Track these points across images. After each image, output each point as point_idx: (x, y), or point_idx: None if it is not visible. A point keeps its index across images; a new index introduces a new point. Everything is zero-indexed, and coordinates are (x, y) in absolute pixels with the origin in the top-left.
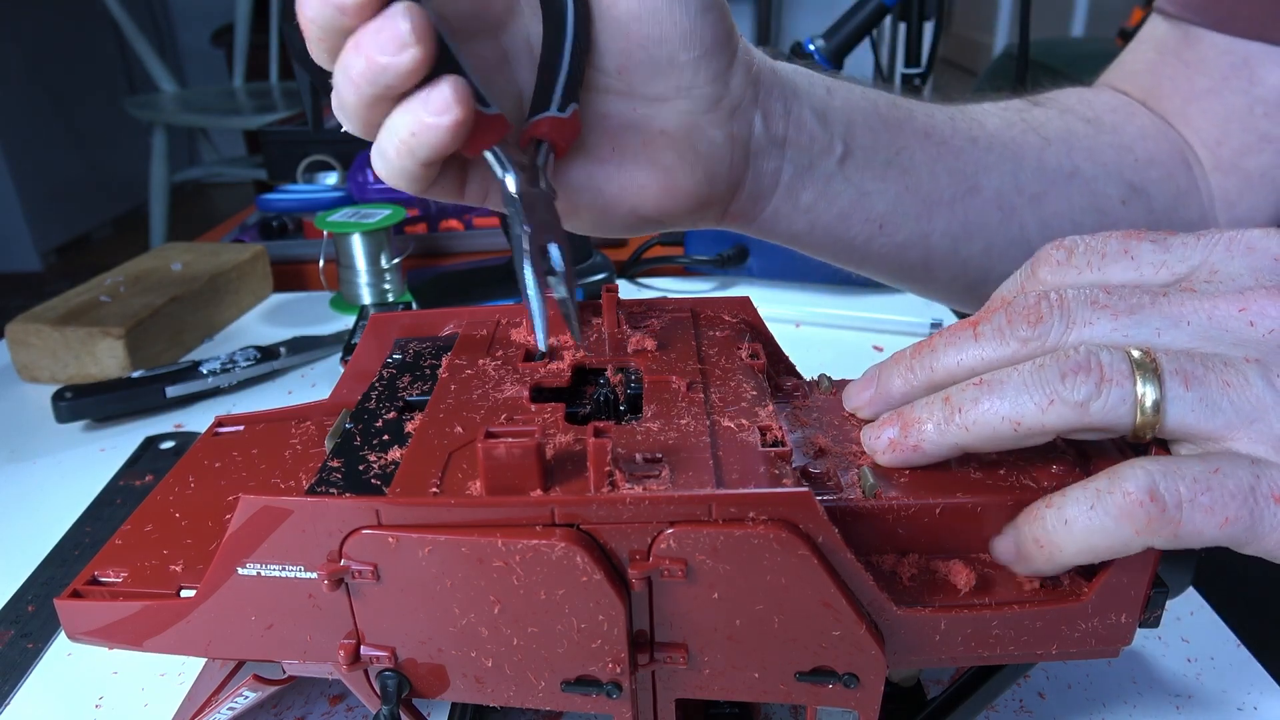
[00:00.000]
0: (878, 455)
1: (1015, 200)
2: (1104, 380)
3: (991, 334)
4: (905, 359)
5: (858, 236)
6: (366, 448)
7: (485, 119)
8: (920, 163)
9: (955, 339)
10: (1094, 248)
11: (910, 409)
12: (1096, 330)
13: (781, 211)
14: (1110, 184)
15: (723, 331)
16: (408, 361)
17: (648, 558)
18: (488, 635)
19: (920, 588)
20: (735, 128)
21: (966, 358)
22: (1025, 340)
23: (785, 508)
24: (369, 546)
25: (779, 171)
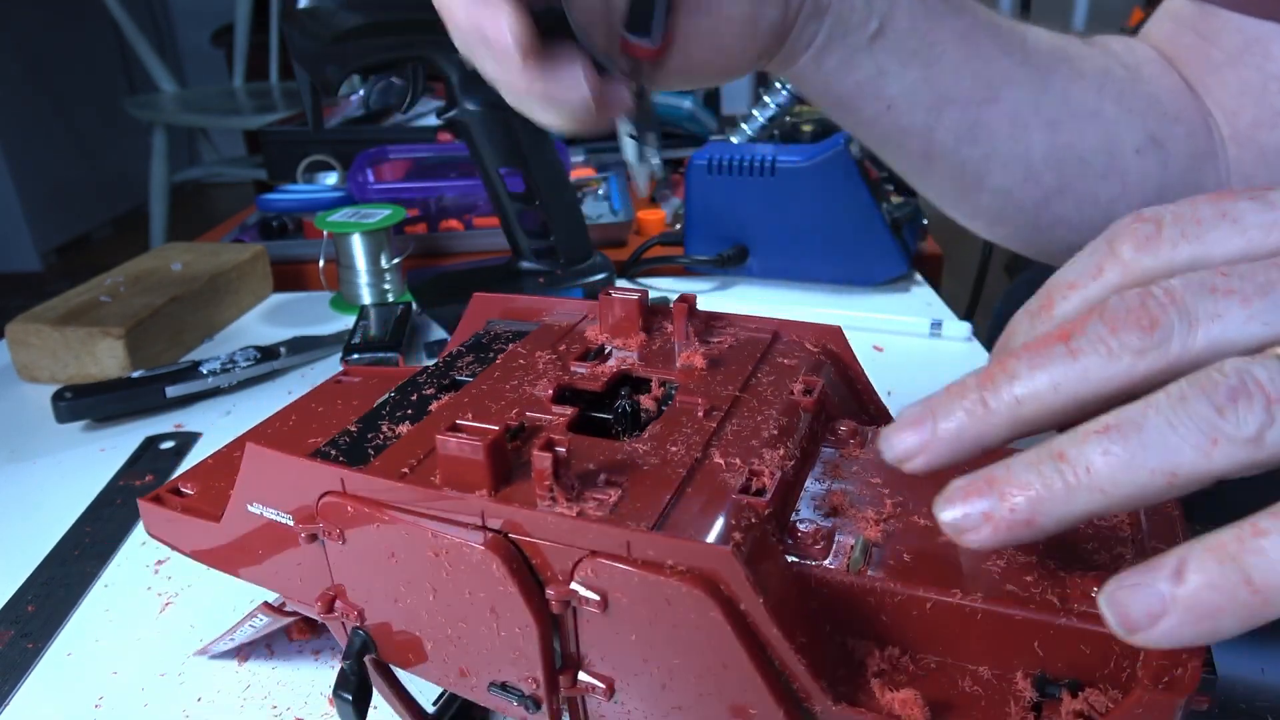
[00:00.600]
0: (967, 536)
1: (1030, 120)
2: (1272, 402)
3: (1092, 347)
4: (971, 390)
5: (865, 110)
6: (387, 419)
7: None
8: (948, 60)
9: (1042, 358)
10: (1184, 215)
11: (1006, 473)
12: (1228, 324)
13: (807, 70)
14: (1130, 131)
15: (793, 360)
16: (481, 343)
17: (568, 582)
18: (427, 618)
19: (885, 686)
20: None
21: (1066, 383)
22: (1140, 352)
23: (704, 563)
24: (336, 511)
25: (815, 34)
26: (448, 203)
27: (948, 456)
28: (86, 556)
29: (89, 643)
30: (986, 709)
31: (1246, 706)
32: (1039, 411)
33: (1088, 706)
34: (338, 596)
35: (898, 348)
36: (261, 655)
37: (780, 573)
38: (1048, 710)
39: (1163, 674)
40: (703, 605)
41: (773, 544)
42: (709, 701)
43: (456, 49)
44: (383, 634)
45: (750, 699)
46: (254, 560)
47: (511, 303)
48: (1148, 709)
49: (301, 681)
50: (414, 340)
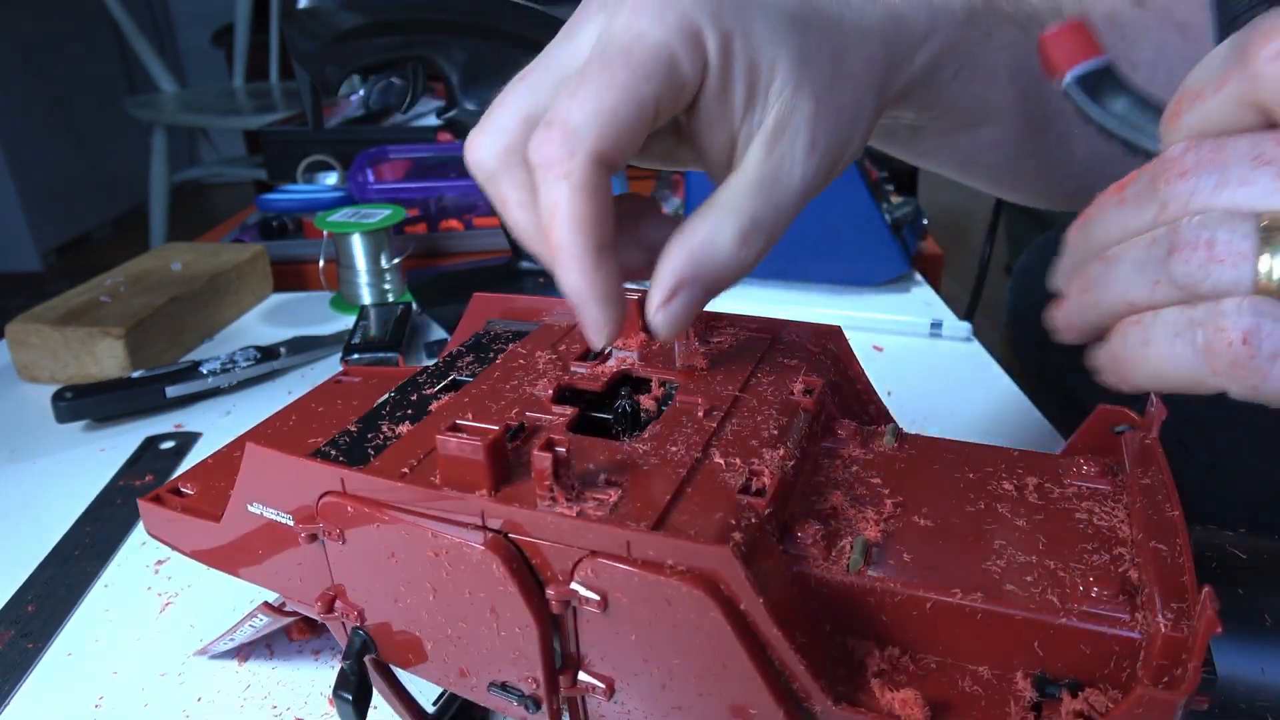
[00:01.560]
0: (1058, 332)
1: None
2: (1212, 260)
3: (1134, 196)
4: (1072, 235)
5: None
6: (388, 419)
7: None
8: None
9: (1104, 205)
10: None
11: (1065, 285)
12: (1256, 190)
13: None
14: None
15: (793, 360)
16: (481, 343)
17: (568, 582)
18: (426, 619)
19: (885, 686)
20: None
21: (1114, 226)
22: (1166, 203)
23: (704, 562)
24: (336, 511)
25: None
26: (448, 203)
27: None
28: (86, 556)
29: (89, 643)
30: (986, 709)
31: (1246, 706)
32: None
33: (1087, 706)
34: (338, 596)
35: (898, 348)
36: (261, 655)
37: (780, 573)
38: (1048, 710)
39: (1162, 674)
40: (703, 605)
41: (772, 544)
42: (709, 701)
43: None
44: (383, 634)
45: (750, 699)
46: (254, 560)
47: (511, 303)
48: (1147, 709)
49: (301, 681)
50: (414, 340)
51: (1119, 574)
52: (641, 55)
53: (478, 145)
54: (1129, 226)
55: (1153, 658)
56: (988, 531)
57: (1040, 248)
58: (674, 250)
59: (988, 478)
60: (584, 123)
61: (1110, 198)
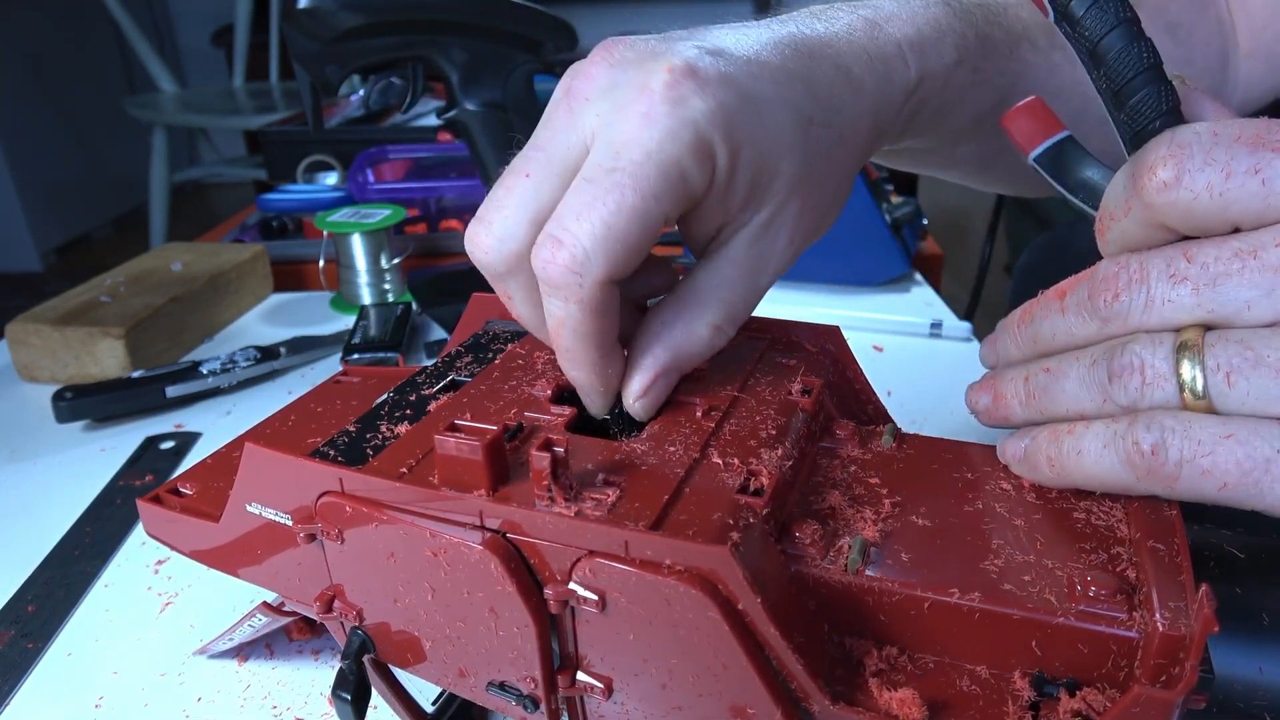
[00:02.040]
0: (979, 415)
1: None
2: (1145, 384)
3: (1076, 307)
4: (1014, 327)
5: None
6: (386, 419)
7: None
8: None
9: (1048, 309)
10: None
11: (1001, 380)
12: (1179, 308)
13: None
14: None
15: (791, 360)
16: (480, 343)
17: (566, 581)
18: (425, 618)
19: (883, 685)
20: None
21: (1059, 332)
22: (1106, 320)
23: (702, 562)
24: (334, 511)
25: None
26: (448, 203)
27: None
28: (86, 556)
29: (89, 643)
30: (984, 708)
31: (1244, 705)
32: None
33: (1085, 705)
34: (336, 596)
35: (898, 348)
36: (261, 655)
37: (778, 572)
38: (1045, 709)
39: (1160, 673)
40: (701, 605)
41: (771, 544)
42: (707, 701)
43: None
44: (381, 634)
45: (748, 698)
46: (253, 560)
47: None
48: (1145, 707)
49: (301, 681)
50: (414, 340)
51: (1117, 573)
52: (652, 176)
53: (485, 248)
54: (1073, 335)
55: (1150, 657)
56: (986, 531)
57: (1040, 247)
58: (653, 344)
59: (986, 477)
60: (593, 248)
61: (1053, 302)
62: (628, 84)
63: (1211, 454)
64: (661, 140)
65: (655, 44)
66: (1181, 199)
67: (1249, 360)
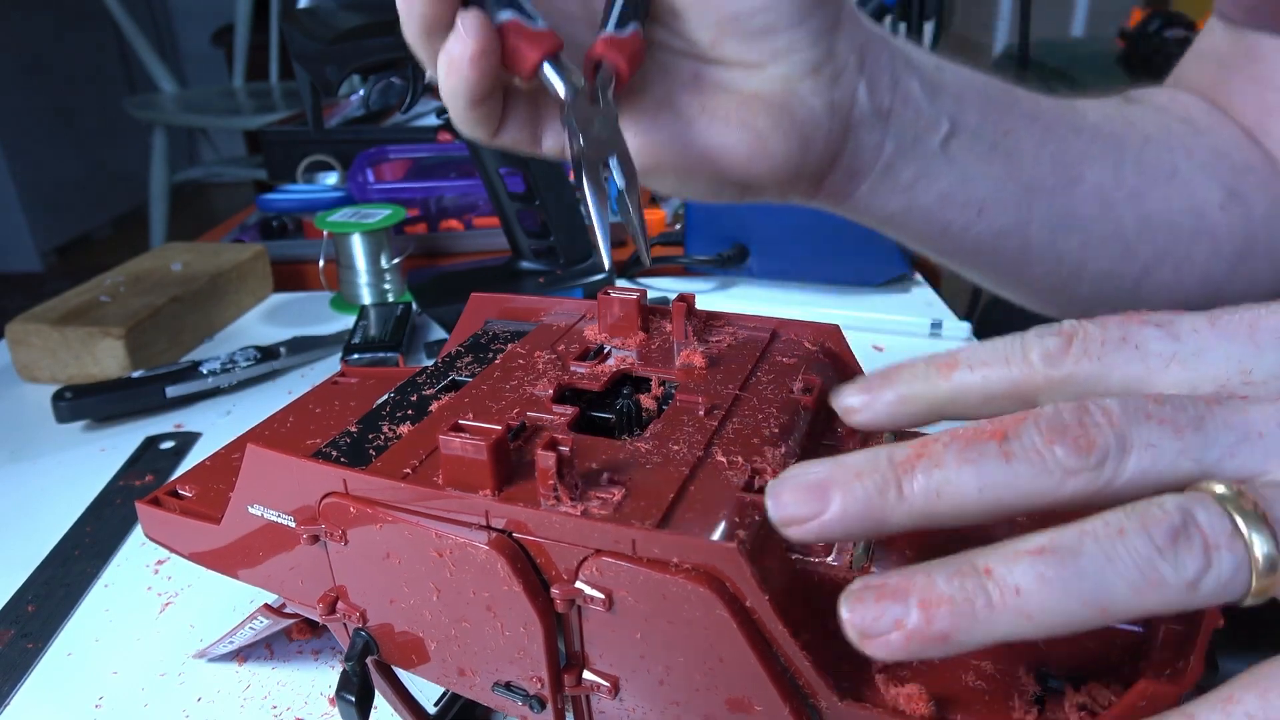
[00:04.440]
0: (871, 644)
1: (1115, 195)
2: (1210, 546)
3: (1025, 456)
4: (885, 469)
5: (955, 221)
6: (388, 420)
7: (531, 35)
8: (1026, 148)
9: (973, 453)
10: (1093, 334)
11: (926, 580)
12: (1160, 455)
13: (878, 190)
14: (1209, 186)
15: (792, 358)
16: (480, 343)
17: (572, 580)
18: (430, 619)
19: (890, 681)
20: (837, 95)
21: (992, 486)
22: (1073, 472)
23: (709, 560)
24: (338, 512)
25: (880, 146)
26: (448, 203)
27: (840, 533)
28: (86, 556)
29: (89, 643)
30: (990, 703)
31: None
32: (955, 508)
33: (1090, 700)
34: (339, 598)
35: (898, 348)
36: (261, 655)
37: (784, 570)
38: (1050, 703)
39: (1164, 667)
40: (708, 603)
41: (776, 541)
42: (714, 698)
43: None
44: (385, 635)
45: (756, 695)
46: (254, 562)
47: (509, 302)
48: (1151, 701)
49: (301, 682)
50: (414, 340)
51: None
52: None
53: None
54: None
55: (1155, 651)
56: (988, 527)
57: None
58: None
59: None
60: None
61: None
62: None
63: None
64: None
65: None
66: (1065, 363)
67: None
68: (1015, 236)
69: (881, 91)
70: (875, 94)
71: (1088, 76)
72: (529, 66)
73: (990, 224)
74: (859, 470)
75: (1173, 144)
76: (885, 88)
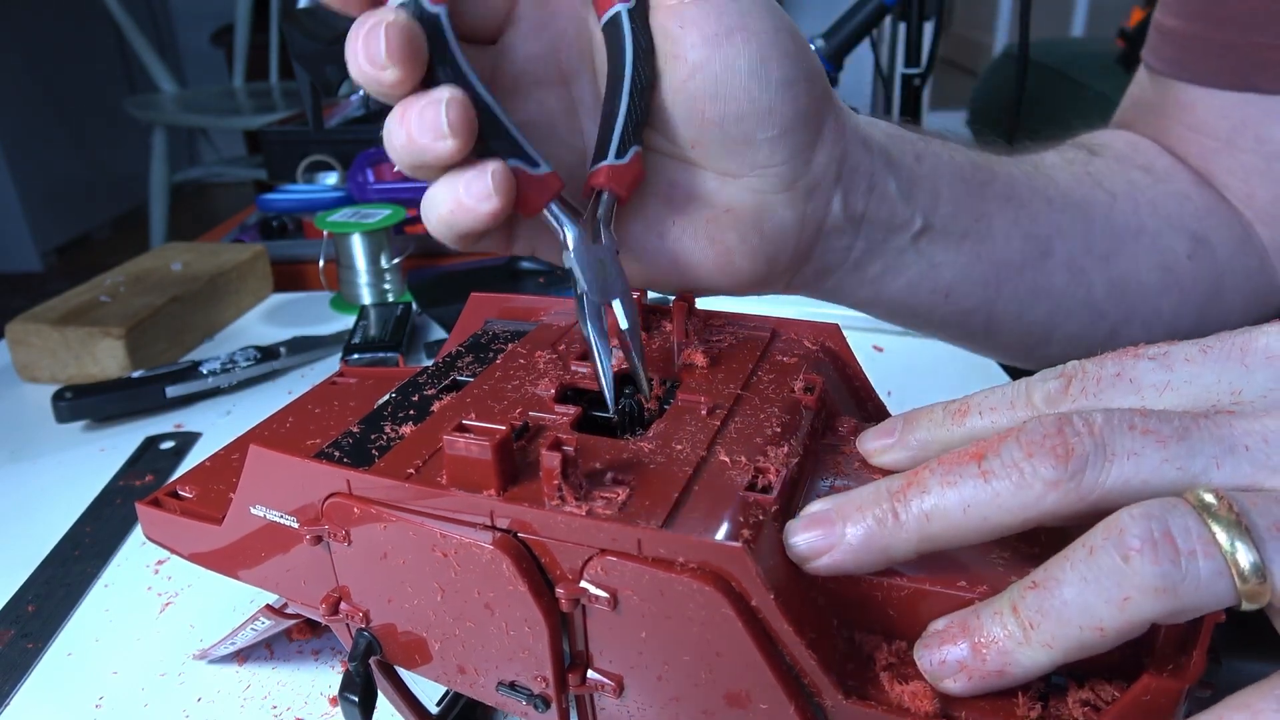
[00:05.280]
0: (946, 684)
1: (1084, 262)
2: (1180, 554)
3: (1004, 472)
4: (884, 499)
5: (921, 305)
6: (390, 420)
7: (536, 180)
8: (997, 229)
9: (953, 476)
10: (1090, 373)
11: (978, 622)
12: (1143, 463)
13: (845, 284)
14: (1175, 238)
15: (792, 357)
16: (480, 343)
17: (577, 580)
18: (434, 619)
19: (894, 679)
20: (810, 209)
21: (976, 505)
22: (1053, 483)
23: (714, 560)
24: (341, 512)
25: (850, 248)
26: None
27: (852, 564)
28: (86, 556)
29: (89, 643)
30: (994, 699)
31: None
32: (948, 529)
33: (1094, 695)
34: (342, 598)
35: (898, 348)
36: (261, 656)
37: (789, 569)
38: (1054, 700)
39: (1167, 662)
40: (714, 602)
41: (781, 541)
42: (718, 696)
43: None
44: (388, 635)
45: (760, 693)
46: (256, 563)
47: (509, 302)
48: (1154, 696)
49: (301, 682)
50: (414, 340)
51: None
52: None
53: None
54: (1006, 508)
55: (1157, 647)
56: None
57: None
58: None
59: None
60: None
61: (963, 466)
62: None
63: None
64: None
65: None
66: (1066, 404)
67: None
68: (982, 313)
69: (856, 199)
70: (850, 203)
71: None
72: (533, 210)
73: (957, 305)
74: (861, 503)
75: (1138, 199)
76: (861, 194)
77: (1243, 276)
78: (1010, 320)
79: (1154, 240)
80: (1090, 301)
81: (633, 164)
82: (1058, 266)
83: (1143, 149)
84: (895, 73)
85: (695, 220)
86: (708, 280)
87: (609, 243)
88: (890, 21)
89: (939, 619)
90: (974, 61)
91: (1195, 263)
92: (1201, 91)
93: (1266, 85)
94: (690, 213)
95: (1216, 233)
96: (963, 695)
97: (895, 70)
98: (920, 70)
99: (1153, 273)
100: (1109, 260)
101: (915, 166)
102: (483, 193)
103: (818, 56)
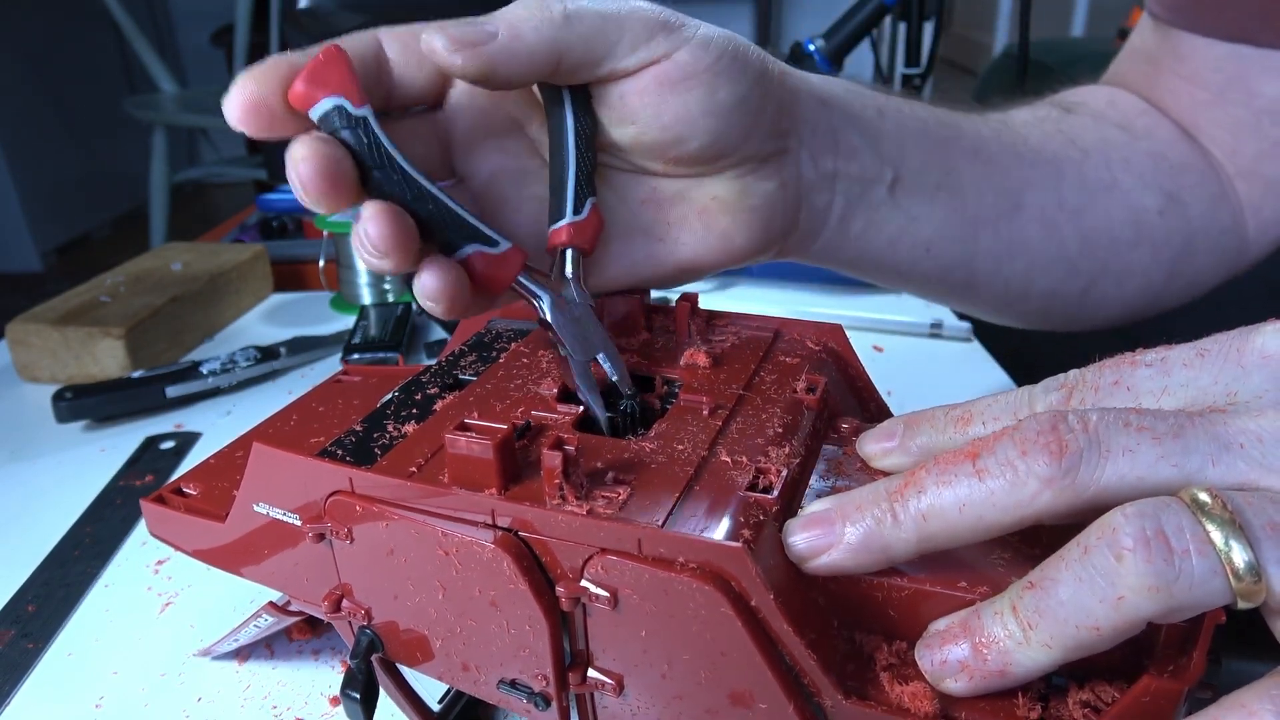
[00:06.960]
0: (947, 684)
1: (1057, 216)
2: (1174, 553)
3: (999, 470)
4: (883, 499)
5: (904, 260)
6: (393, 418)
7: (497, 259)
8: (968, 183)
9: (949, 475)
10: (1089, 382)
11: (979, 622)
12: (1139, 460)
13: (832, 243)
14: (1147, 194)
15: (795, 358)
16: (484, 341)
17: (578, 579)
18: (435, 617)
19: (894, 679)
20: (786, 174)
21: (971, 504)
22: (1048, 480)
23: (715, 559)
24: (344, 510)
25: (830, 206)
26: None
27: (851, 564)
28: (86, 556)
29: (89, 643)
30: (994, 700)
31: None
32: (945, 529)
33: (1094, 696)
34: (344, 596)
35: (898, 347)
36: (261, 655)
37: (789, 569)
38: (1055, 701)
39: (1167, 663)
40: (714, 601)
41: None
42: (718, 696)
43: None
44: (390, 633)
45: (760, 693)
46: (259, 560)
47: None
48: (1154, 697)
49: (301, 681)
50: (414, 340)
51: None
52: None
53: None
54: (1001, 506)
55: (1158, 648)
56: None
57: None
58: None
59: None
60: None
61: (959, 465)
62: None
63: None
64: None
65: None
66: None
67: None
68: (962, 268)
69: (824, 156)
70: (819, 160)
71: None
72: (500, 289)
73: (938, 260)
74: (860, 503)
75: (1110, 155)
76: (828, 150)
77: (1215, 234)
78: (989, 274)
79: (1125, 196)
80: (1064, 256)
81: (591, 218)
82: (1030, 220)
83: (1122, 106)
84: (895, 73)
85: (688, 218)
86: (716, 264)
87: (583, 298)
88: (890, 21)
89: (940, 619)
90: (974, 61)
91: (1166, 219)
92: (1200, 41)
93: (1264, 39)
94: (681, 212)
95: (1190, 191)
96: (964, 695)
97: (895, 70)
98: (920, 70)
99: (1125, 228)
100: (1080, 214)
101: (878, 121)
102: (431, 293)
103: (816, 55)
